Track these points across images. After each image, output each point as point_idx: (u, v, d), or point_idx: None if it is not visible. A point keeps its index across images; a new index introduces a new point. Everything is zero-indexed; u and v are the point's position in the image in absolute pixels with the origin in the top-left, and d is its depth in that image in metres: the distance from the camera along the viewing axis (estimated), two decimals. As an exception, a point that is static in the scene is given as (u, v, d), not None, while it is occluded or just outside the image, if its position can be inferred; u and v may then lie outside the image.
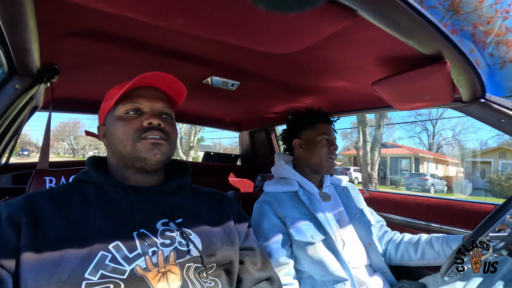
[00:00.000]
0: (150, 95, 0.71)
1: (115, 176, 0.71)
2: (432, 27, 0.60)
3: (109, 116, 0.72)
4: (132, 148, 0.66)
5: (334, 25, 0.64)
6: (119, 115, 0.69)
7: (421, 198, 1.47)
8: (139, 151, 0.66)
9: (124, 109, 0.69)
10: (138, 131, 0.67)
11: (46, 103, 1.34)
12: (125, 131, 0.67)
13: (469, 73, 0.78)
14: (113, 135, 0.69)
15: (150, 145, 0.66)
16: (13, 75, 0.90)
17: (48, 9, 0.67)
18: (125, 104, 0.69)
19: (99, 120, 0.77)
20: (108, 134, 0.72)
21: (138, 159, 0.67)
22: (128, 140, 0.67)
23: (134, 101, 0.69)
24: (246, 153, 2.45)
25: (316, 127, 1.18)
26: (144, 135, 0.67)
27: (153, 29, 0.79)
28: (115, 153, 0.70)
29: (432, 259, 1.06)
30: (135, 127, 0.67)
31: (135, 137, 0.67)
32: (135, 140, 0.66)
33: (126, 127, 0.67)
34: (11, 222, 0.56)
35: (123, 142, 0.67)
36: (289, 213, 1.05)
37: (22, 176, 1.29)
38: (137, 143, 0.66)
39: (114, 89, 0.75)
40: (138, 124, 0.68)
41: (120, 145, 0.68)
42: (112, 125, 0.70)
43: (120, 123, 0.68)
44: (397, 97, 1.03)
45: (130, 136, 0.67)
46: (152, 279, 0.59)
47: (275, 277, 0.80)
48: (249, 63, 1.05)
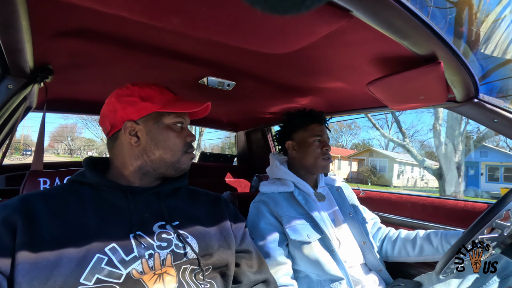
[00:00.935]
0: (188, 113, 0.79)
1: (115, 177, 0.71)
2: (426, 28, 0.60)
3: (151, 119, 0.72)
4: (178, 159, 0.73)
5: (329, 26, 0.65)
6: (168, 124, 0.73)
7: (416, 197, 1.48)
8: (182, 162, 0.74)
9: (175, 121, 0.74)
10: (186, 145, 0.75)
11: (40, 103, 1.32)
12: (177, 143, 0.73)
13: (462, 73, 0.79)
14: (161, 142, 0.71)
15: (190, 159, 0.77)
16: (6, 75, 0.89)
17: (41, 8, 0.66)
18: (177, 117, 0.74)
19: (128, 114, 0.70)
20: (149, 137, 0.71)
21: (176, 169, 0.74)
22: (178, 151, 0.73)
23: (183, 116, 0.76)
24: (242, 153, 2.45)
25: (308, 128, 1.18)
26: (189, 150, 0.76)
27: (148, 29, 0.79)
28: (153, 157, 0.71)
29: (431, 255, 1.06)
30: (183, 142, 0.75)
31: (184, 150, 0.74)
32: (183, 153, 0.74)
33: (179, 139, 0.74)
34: (7, 224, 0.55)
35: (173, 151, 0.73)
36: (285, 212, 1.05)
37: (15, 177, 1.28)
38: (183, 156, 0.74)
39: (151, 90, 0.73)
40: (183, 138, 0.75)
41: (167, 153, 0.72)
42: (160, 132, 0.72)
43: (172, 133, 0.73)
44: (392, 97, 1.03)
45: (180, 148, 0.74)
46: (148, 280, 0.58)
47: (271, 279, 0.80)
48: (245, 63, 1.05)
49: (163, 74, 1.12)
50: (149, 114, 0.71)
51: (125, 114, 0.71)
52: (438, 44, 0.66)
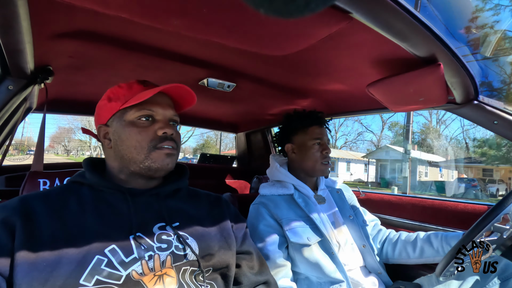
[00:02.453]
0: (162, 102, 0.71)
1: (113, 178, 0.71)
2: (426, 30, 0.60)
3: (116, 118, 0.69)
4: (145, 156, 0.66)
5: (329, 27, 0.65)
6: (131, 120, 0.68)
7: (416, 199, 1.48)
8: (153, 160, 0.66)
9: (137, 115, 0.67)
10: (153, 140, 0.67)
11: (40, 104, 1.33)
12: (140, 139, 0.66)
13: (462, 75, 0.79)
14: (124, 141, 0.67)
15: (164, 155, 0.67)
16: (6, 76, 0.89)
17: (42, 9, 0.66)
18: (139, 110, 0.67)
19: (99, 119, 0.73)
20: (115, 137, 0.69)
21: (149, 168, 0.67)
22: (142, 148, 0.66)
23: (148, 107, 0.68)
24: (242, 154, 2.45)
25: (307, 131, 1.16)
26: (159, 145, 0.67)
27: (149, 30, 0.79)
28: (122, 157, 0.68)
29: (431, 257, 1.05)
30: (150, 136, 0.67)
31: (151, 146, 0.67)
32: (150, 149, 0.66)
33: (141, 135, 0.67)
34: (5, 225, 0.55)
35: (136, 149, 0.66)
36: (285, 215, 1.05)
37: (15, 178, 1.27)
38: (152, 152, 0.66)
39: (119, 88, 0.71)
40: (152, 132, 0.67)
41: (132, 152, 0.67)
42: (123, 130, 0.68)
43: (134, 129, 0.67)
44: (392, 99, 1.03)
45: (145, 144, 0.66)
46: (148, 282, 0.58)
47: (272, 280, 0.80)
48: (245, 64, 1.05)
49: (163, 75, 1.12)
50: (114, 114, 0.70)
51: (98, 119, 0.73)
52: (438, 46, 0.66)
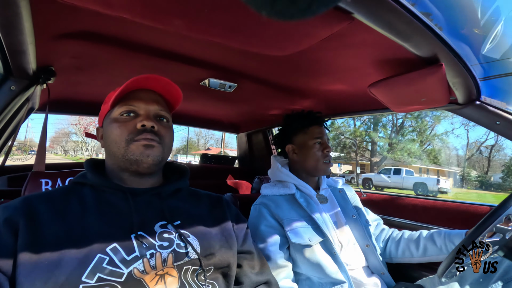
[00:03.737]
0: (145, 98, 0.71)
1: (113, 178, 0.71)
2: (428, 30, 0.60)
3: (106, 118, 0.73)
4: (125, 150, 0.66)
5: (331, 28, 0.65)
6: (114, 117, 0.70)
7: (418, 199, 1.48)
8: (132, 153, 0.66)
9: (120, 111, 0.69)
10: (131, 133, 0.67)
11: (42, 104, 1.33)
12: (119, 133, 0.67)
13: (464, 75, 0.79)
14: (108, 137, 0.69)
15: (142, 147, 0.66)
16: (8, 77, 0.90)
17: (44, 10, 0.67)
18: (121, 106, 0.69)
19: (99, 122, 0.78)
20: (104, 136, 0.72)
21: (131, 162, 0.67)
22: (121, 141, 0.67)
23: (130, 103, 0.69)
24: (243, 155, 2.45)
25: (307, 131, 1.17)
26: (137, 137, 0.67)
27: (150, 31, 0.79)
28: (110, 155, 0.70)
29: (435, 255, 1.05)
30: (129, 129, 0.67)
31: (129, 139, 0.67)
32: (128, 142, 0.66)
33: (120, 129, 0.67)
34: (9, 225, 0.55)
35: (117, 143, 0.67)
36: (286, 215, 1.05)
37: (17, 178, 1.28)
38: (130, 145, 0.66)
39: (113, 91, 0.74)
40: (132, 126, 0.68)
41: (114, 147, 0.68)
42: (108, 127, 0.70)
43: (115, 125, 0.68)
44: (393, 99, 1.03)
45: (123, 138, 0.67)
46: (150, 281, 0.58)
47: (273, 280, 0.80)
48: (246, 65, 1.05)
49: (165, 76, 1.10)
50: (105, 115, 0.73)
51: (98, 123, 0.78)
52: (440, 46, 0.66)
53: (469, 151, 25.63)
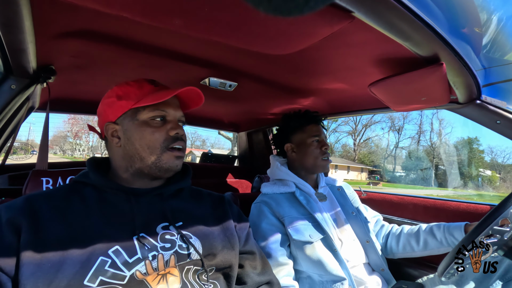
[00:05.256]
0: (173, 104, 0.72)
1: (116, 178, 0.71)
2: (428, 29, 0.60)
3: (127, 117, 0.69)
4: (157, 157, 0.67)
5: (331, 27, 0.65)
6: (144, 120, 0.68)
7: (418, 199, 1.48)
8: (164, 161, 0.68)
9: (151, 115, 0.68)
10: (166, 140, 0.68)
11: (43, 103, 1.33)
12: (154, 139, 0.67)
13: (465, 74, 0.78)
14: (137, 140, 0.67)
15: (174, 158, 0.69)
16: (9, 76, 0.90)
17: (44, 9, 0.67)
18: (153, 110, 0.68)
19: (106, 117, 0.71)
20: (126, 136, 0.69)
21: (160, 169, 0.68)
22: (156, 148, 0.67)
23: (162, 108, 0.69)
24: (243, 154, 2.45)
25: (305, 129, 1.19)
26: (171, 145, 0.68)
27: (150, 30, 0.79)
28: (132, 156, 0.68)
29: (436, 248, 1.05)
30: (163, 136, 0.68)
31: (163, 146, 0.68)
32: (163, 149, 0.68)
33: (155, 135, 0.67)
34: (12, 225, 0.55)
35: (150, 149, 0.67)
36: (287, 212, 1.05)
37: (18, 177, 1.28)
38: (164, 153, 0.68)
39: (129, 86, 0.71)
40: (165, 133, 0.69)
41: (145, 151, 0.67)
42: (135, 129, 0.68)
43: (148, 129, 0.67)
44: (393, 99, 1.03)
45: (158, 145, 0.67)
46: (152, 281, 0.58)
47: (274, 280, 0.80)
48: (246, 64, 1.05)
49: (165, 75, 1.13)
50: (125, 112, 0.69)
51: (105, 116, 0.72)
52: (441, 45, 0.66)
53: (388, 152, 29.51)
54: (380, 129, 27.63)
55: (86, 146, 35.82)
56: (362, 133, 29.92)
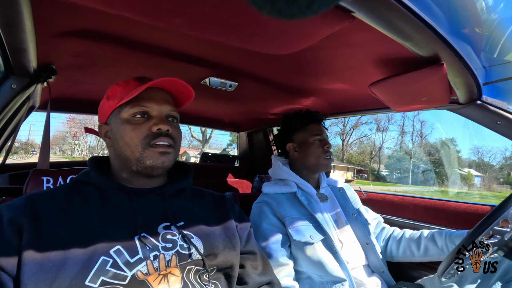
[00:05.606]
0: (158, 98, 0.69)
1: (117, 177, 0.71)
2: (429, 29, 0.60)
3: (113, 116, 0.70)
4: (140, 154, 0.66)
5: (331, 27, 0.65)
6: (126, 118, 0.67)
7: (418, 199, 1.48)
8: (147, 158, 0.66)
9: (132, 112, 0.67)
10: (147, 137, 0.66)
11: (43, 103, 1.33)
12: (134, 137, 0.66)
13: (465, 75, 0.78)
14: (120, 139, 0.67)
15: (158, 154, 0.66)
16: (9, 75, 0.90)
17: (45, 8, 0.67)
18: (133, 107, 0.67)
19: (100, 118, 0.74)
20: (113, 136, 0.70)
21: (145, 166, 0.66)
22: (136, 146, 0.66)
23: (142, 104, 0.67)
24: (244, 154, 2.45)
25: (307, 128, 1.19)
26: (153, 142, 0.66)
27: (151, 29, 0.79)
28: (120, 156, 0.68)
29: (436, 255, 1.05)
30: (144, 133, 0.66)
31: (144, 143, 0.66)
32: (144, 146, 0.66)
33: (135, 132, 0.66)
34: (13, 225, 0.55)
35: (131, 147, 0.66)
36: (288, 213, 1.05)
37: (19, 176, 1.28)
38: (146, 150, 0.66)
39: (117, 86, 0.71)
40: (146, 129, 0.66)
41: (127, 150, 0.66)
42: (118, 128, 0.68)
43: (128, 127, 0.66)
44: (394, 99, 1.03)
45: (139, 142, 0.66)
46: (153, 281, 0.58)
47: (275, 281, 0.80)
48: (247, 64, 1.05)
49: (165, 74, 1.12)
50: (112, 112, 0.70)
51: (99, 118, 0.74)
52: (441, 46, 0.66)
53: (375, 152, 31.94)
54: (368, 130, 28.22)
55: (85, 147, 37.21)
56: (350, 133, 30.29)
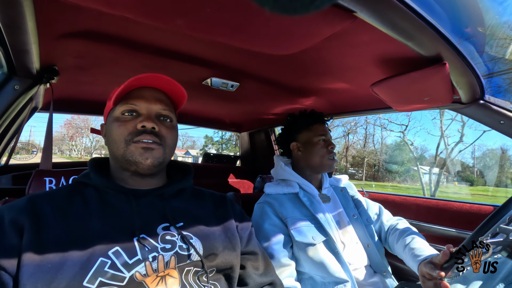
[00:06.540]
0: (148, 96, 0.70)
1: (116, 178, 0.71)
2: (431, 29, 0.60)
3: (109, 116, 0.72)
4: (124, 150, 0.66)
5: (333, 27, 0.65)
6: (116, 116, 0.69)
7: (421, 199, 1.47)
8: (130, 154, 0.65)
9: (121, 110, 0.68)
10: (131, 133, 0.66)
11: (46, 104, 1.34)
12: (119, 133, 0.66)
13: (468, 74, 0.78)
14: (109, 136, 0.69)
15: (141, 150, 0.65)
16: (12, 76, 0.90)
17: (47, 10, 0.67)
18: (122, 105, 0.68)
19: (104, 118, 0.77)
20: (106, 134, 0.72)
21: (130, 163, 0.66)
22: (121, 142, 0.66)
23: (131, 102, 0.68)
24: (245, 154, 2.45)
25: (312, 128, 1.19)
26: (136, 138, 0.65)
27: (153, 30, 0.80)
28: (111, 154, 0.70)
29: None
30: (129, 129, 0.66)
31: (128, 139, 0.66)
32: (128, 142, 0.66)
33: (121, 128, 0.66)
34: (14, 226, 0.55)
35: (116, 143, 0.67)
36: (290, 214, 1.05)
37: (21, 176, 1.29)
38: (129, 146, 0.65)
39: (117, 88, 0.72)
40: (132, 126, 0.66)
41: (114, 147, 0.67)
42: (109, 126, 0.70)
43: (116, 124, 0.67)
44: (396, 99, 1.03)
45: (123, 138, 0.66)
46: (151, 283, 0.58)
47: (277, 281, 0.79)
48: (248, 64, 1.05)
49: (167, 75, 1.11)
50: (109, 112, 0.72)
51: (104, 118, 0.77)
52: (443, 45, 0.66)
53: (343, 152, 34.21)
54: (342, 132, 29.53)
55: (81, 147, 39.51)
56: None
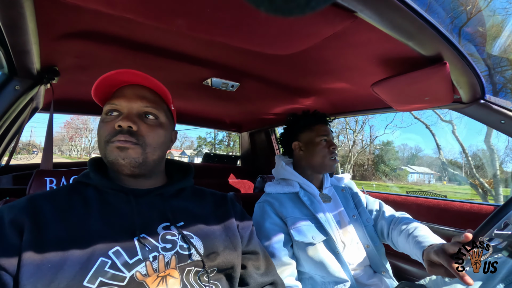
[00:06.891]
0: (129, 94, 0.68)
1: (115, 178, 0.71)
2: (431, 29, 0.60)
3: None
4: (104, 151, 0.66)
5: (333, 26, 0.65)
6: (102, 117, 0.69)
7: (421, 199, 1.47)
8: (109, 155, 0.65)
9: (105, 110, 0.68)
10: (109, 134, 0.65)
11: (47, 104, 1.34)
12: (101, 134, 0.66)
13: (468, 74, 0.78)
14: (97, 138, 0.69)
15: (116, 150, 0.64)
16: (13, 77, 0.90)
17: (48, 10, 0.67)
18: (106, 105, 0.68)
19: None
20: None
21: (110, 164, 0.66)
22: (101, 143, 0.66)
23: (113, 101, 0.67)
24: (246, 154, 2.45)
25: (314, 128, 1.19)
26: (113, 139, 0.64)
27: (153, 30, 0.80)
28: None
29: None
30: (108, 130, 0.65)
31: (106, 140, 0.65)
32: (106, 143, 0.65)
33: (102, 129, 0.66)
34: (14, 225, 0.55)
35: (100, 144, 0.67)
36: (290, 213, 1.05)
37: (22, 176, 1.29)
38: (107, 146, 0.65)
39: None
40: (111, 126, 0.65)
41: (99, 147, 0.68)
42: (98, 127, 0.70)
43: (100, 125, 0.68)
44: (396, 98, 1.03)
45: (102, 139, 0.66)
46: (151, 283, 0.58)
47: (279, 281, 0.78)
48: (249, 64, 1.05)
49: (168, 75, 1.13)
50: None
51: None
52: (444, 45, 0.66)
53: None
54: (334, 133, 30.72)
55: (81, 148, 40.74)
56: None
